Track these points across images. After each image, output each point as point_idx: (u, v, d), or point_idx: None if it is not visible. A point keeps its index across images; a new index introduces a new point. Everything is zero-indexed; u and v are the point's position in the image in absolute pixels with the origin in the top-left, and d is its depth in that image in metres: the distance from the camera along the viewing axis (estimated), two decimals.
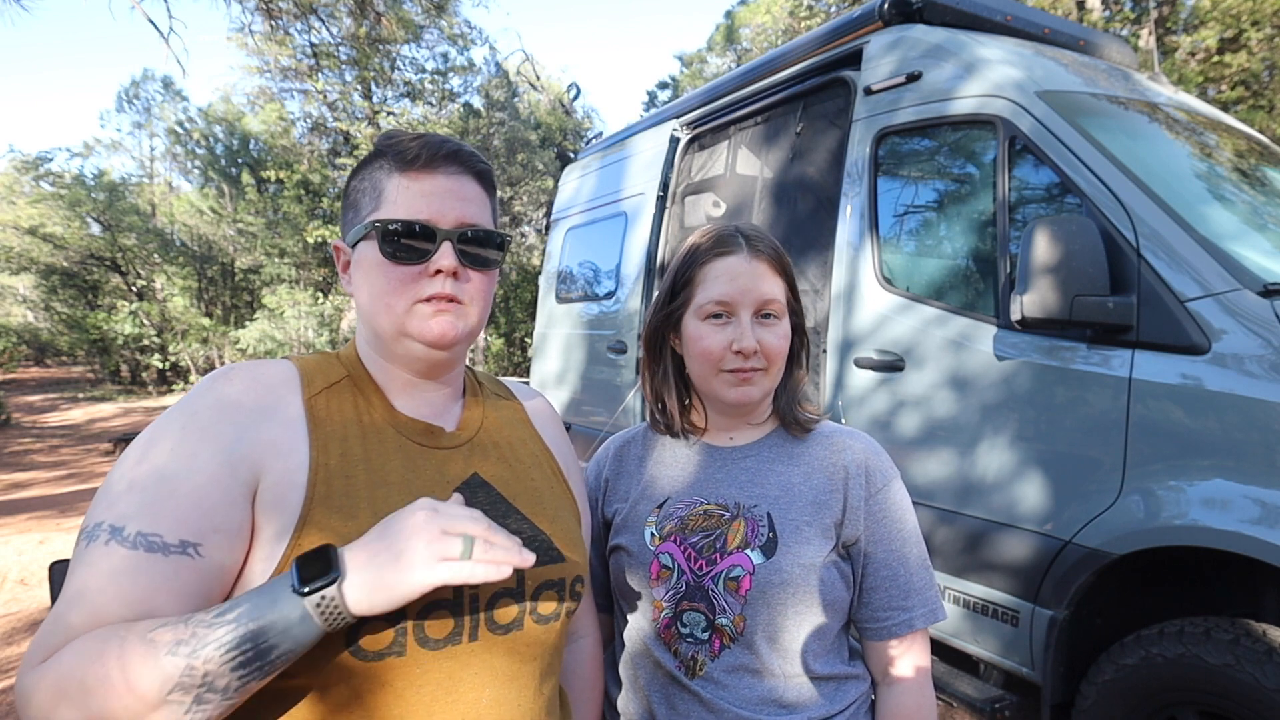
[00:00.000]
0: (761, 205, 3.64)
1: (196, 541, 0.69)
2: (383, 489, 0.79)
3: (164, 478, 0.71)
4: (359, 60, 15.53)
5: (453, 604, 0.77)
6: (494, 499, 0.87)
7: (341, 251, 0.90)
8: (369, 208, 0.85)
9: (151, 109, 22.59)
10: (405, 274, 0.83)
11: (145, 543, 0.68)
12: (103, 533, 0.68)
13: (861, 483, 1.04)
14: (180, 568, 0.68)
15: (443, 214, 0.83)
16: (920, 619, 1.03)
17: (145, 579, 0.67)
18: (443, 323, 0.83)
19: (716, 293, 1.03)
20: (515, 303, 18.81)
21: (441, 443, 0.87)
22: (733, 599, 0.99)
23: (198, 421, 0.75)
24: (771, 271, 1.05)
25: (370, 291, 0.84)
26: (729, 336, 1.03)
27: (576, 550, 0.91)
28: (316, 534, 0.73)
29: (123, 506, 0.70)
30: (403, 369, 0.88)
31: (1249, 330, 1.77)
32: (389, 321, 0.83)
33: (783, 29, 15.41)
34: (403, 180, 0.84)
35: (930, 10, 2.86)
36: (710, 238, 1.08)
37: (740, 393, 1.04)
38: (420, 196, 0.83)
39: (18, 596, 4.23)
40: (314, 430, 0.79)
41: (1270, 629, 1.69)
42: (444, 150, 0.84)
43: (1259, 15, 8.18)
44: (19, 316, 22.75)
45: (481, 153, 0.90)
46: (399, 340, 0.84)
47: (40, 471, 8.67)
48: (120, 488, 0.71)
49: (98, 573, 0.67)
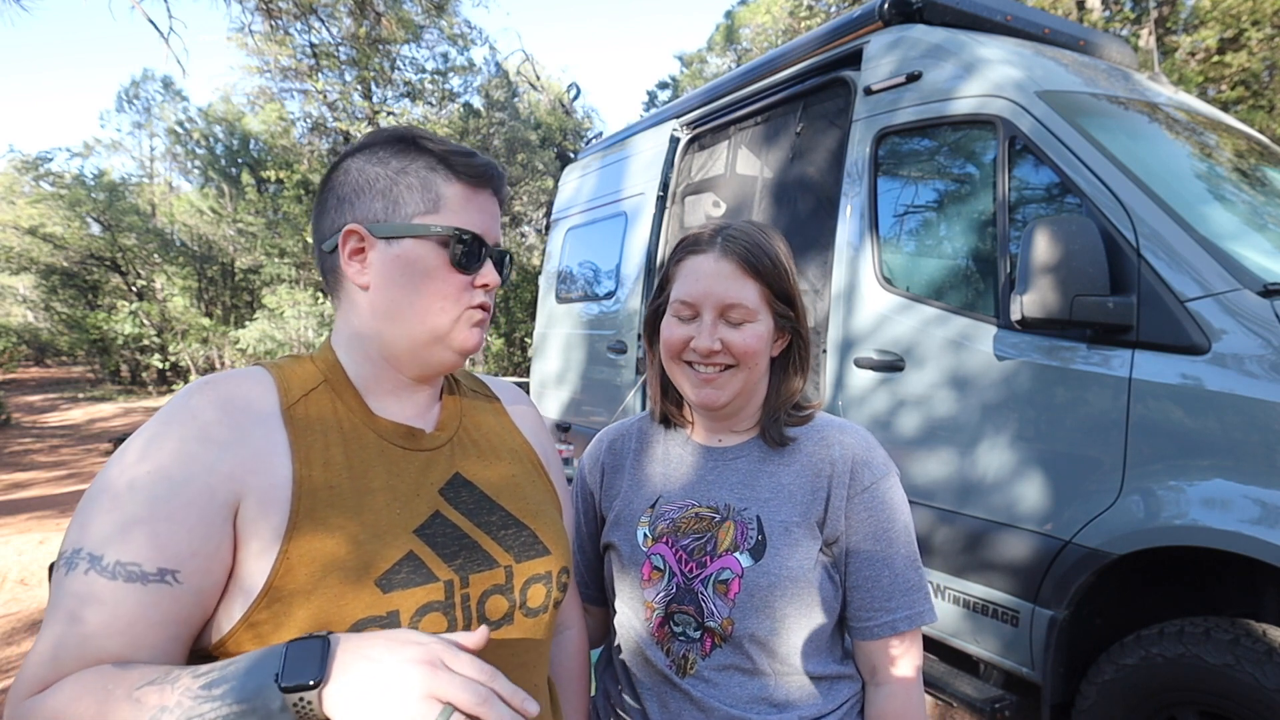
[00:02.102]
0: (761, 205, 3.64)
1: (174, 569, 0.69)
2: (368, 496, 0.79)
3: (142, 502, 0.70)
4: (359, 60, 15.52)
5: (445, 604, 0.78)
6: (477, 497, 0.87)
7: (361, 238, 0.83)
8: (419, 207, 0.83)
9: (151, 109, 22.60)
10: (462, 282, 0.85)
11: (125, 572, 0.68)
12: (82, 560, 0.68)
13: (845, 480, 1.01)
14: (160, 597, 0.69)
15: (490, 231, 0.87)
16: (904, 622, 1.01)
17: (125, 610, 0.67)
18: (480, 334, 0.87)
19: (681, 291, 1.04)
20: (515, 303, 18.80)
21: (422, 445, 0.87)
22: (721, 602, 0.98)
23: (172, 442, 0.73)
24: (741, 274, 1.01)
25: (422, 293, 0.83)
26: (689, 333, 1.03)
27: (560, 543, 0.93)
28: (304, 544, 0.73)
29: (101, 532, 0.69)
30: (405, 372, 0.87)
31: (1249, 330, 1.77)
32: (431, 326, 0.84)
33: (783, 29, 15.40)
34: (464, 190, 0.85)
35: (930, 10, 2.86)
36: (691, 235, 1.08)
37: (704, 394, 1.03)
38: (479, 211, 0.86)
39: (18, 596, 4.23)
40: (295, 441, 0.78)
41: (1270, 629, 1.69)
42: (493, 172, 0.88)
43: (1259, 15, 8.18)
44: (19, 316, 22.75)
45: (481, 153, 0.90)
46: (432, 346, 0.85)
47: (40, 471, 8.67)
48: (98, 511, 0.70)
49: (80, 602, 0.67)
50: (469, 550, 0.83)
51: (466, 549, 0.83)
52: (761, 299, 1.03)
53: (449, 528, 0.83)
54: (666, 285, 1.09)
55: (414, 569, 0.78)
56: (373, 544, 0.76)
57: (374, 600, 0.74)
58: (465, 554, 0.82)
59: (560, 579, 0.91)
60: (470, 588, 0.81)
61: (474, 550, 0.83)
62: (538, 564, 0.88)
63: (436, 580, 0.79)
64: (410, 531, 0.80)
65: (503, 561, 0.85)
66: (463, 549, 0.82)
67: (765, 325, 1.03)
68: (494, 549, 0.85)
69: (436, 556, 0.80)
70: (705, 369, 1.02)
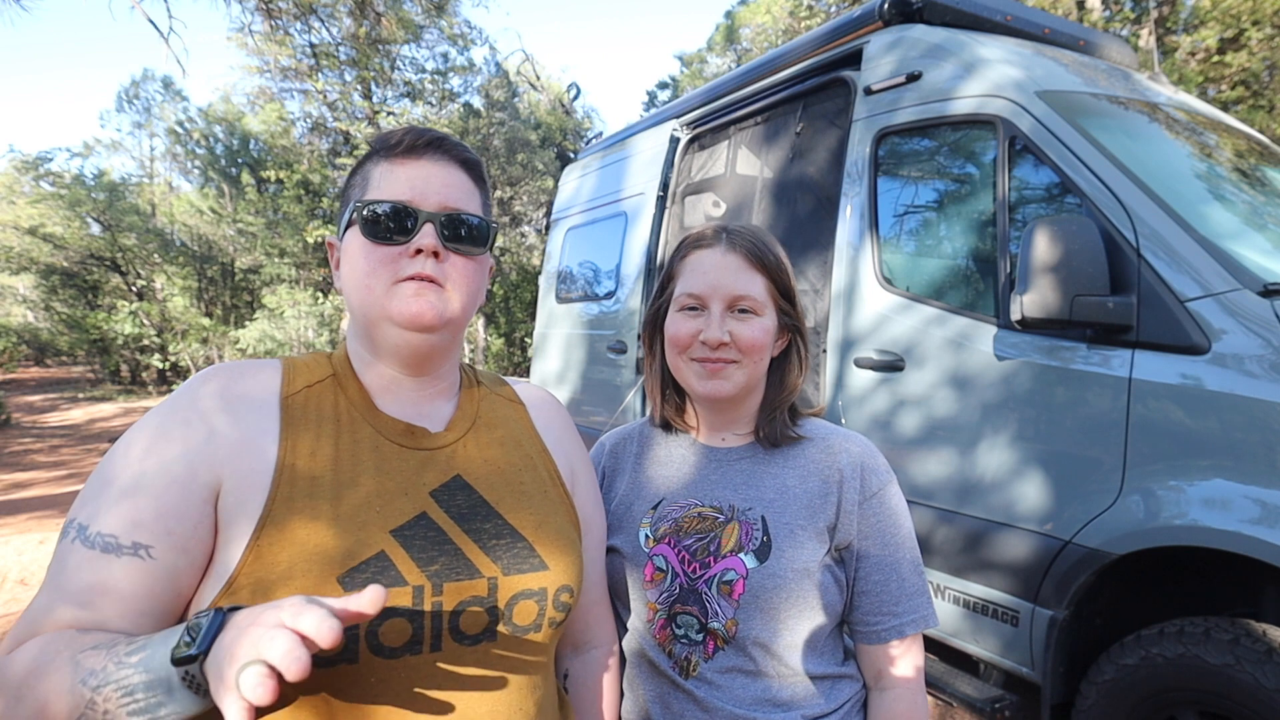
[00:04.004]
0: (761, 205, 3.64)
1: (148, 544, 0.71)
2: (349, 489, 0.78)
3: (130, 479, 0.73)
4: (359, 60, 15.52)
5: (410, 611, 0.74)
6: (474, 501, 0.84)
7: (335, 248, 0.90)
8: (356, 197, 0.86)
9: (151, 109, 22.63)
10: (386, 254, 0.81)
11: (103, 543, 0.71)
12: (73, 530, 0.72)
13: (856, 486, 1.02)
14: (130, 569, 0.71)
15: (425, 196, 0.83)
16: (910, 625, 1.02)
17: (97, 578, 0.70)
18: (421, 303, 0.80)
19: (689, 285, 1.05)
20: (515, 303, 18.81)
21: (423, 443, 0.85)
22: (726, 603, 0.98)
23: (169, 423, 0.77)
24: (748, 267, 1.04)
25: (353, 276, 0.83)
26: (697, 326, 1.03)
27: (564, 559, 0.87)
28: (276, 533, 0.73)
29: (93, 505, 0.73)
30: (389, 363, 0.86)
31: (1249, 330, 1.77)
32: (369, 303, 0.82)
33: (783, 29, 15.41)
34: (387, 165, 0.85)
35: (930, 10, 2.86)
36: (694, 233, 1.09)
37: (710, 385, 1.03)
38: (403, 180, 0.83)
39: (17, 596, 4.23)
40: (285, 429, 0.79)
41: (1270, 629, 1.69)
42: (427, 137, 0.86)
43: (1259, 15, 8.17)
44: (19, 316, 22.77)
45: (481, 153, 0.88)
46: (379, 325, 0.83)
47: (40, 471, 8.67)
48: (95, 486, 0.74)
49: (63, 569, 0.71)
50: (449, 557, 0.79)
51: (447, 555, 0.79)
52: (767, 293, 1.05)
53: (432, 531, 0.79)
54: (669, 283, 1.09)
55: (381, 570, 0.74)
56: (344, 539, 0.74)
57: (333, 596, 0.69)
58: (444, 560, 0.78)
59: (559, 597, 0.85)
60: (443, 596, 0.77)
61: (455, 557, 0.79)
62: (529, 579, 0.82)
63: (404, 584, 0.75)
64: (387, 531, 0.77)
65: (487, 573, 0.80)
66: (442, 554, 0.79)
67: (770, 320, 1.05)
68: (479, 558, 0.80)
69: (410, 559, 0.76)
70: (712, 362, 1.03)
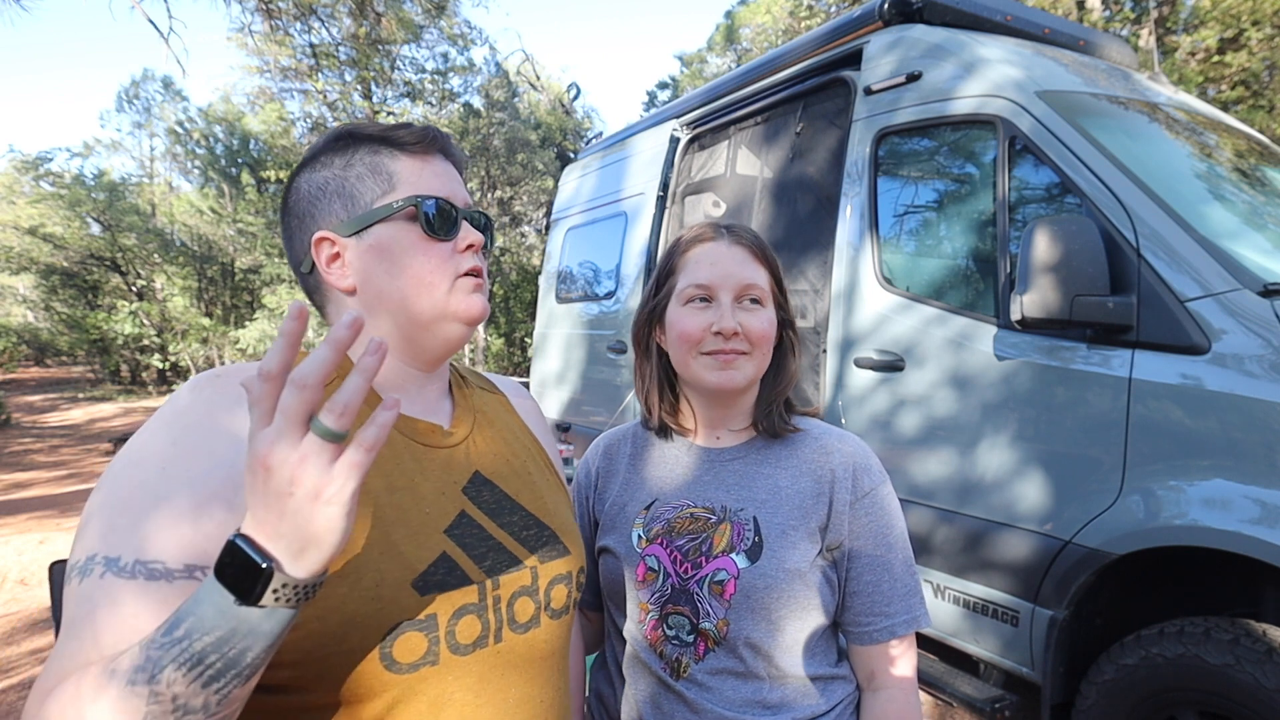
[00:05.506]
0: (761, 205, 3.64)
1: (203, 564, 0.63)
2: (398, 494, 0.76)
3: (158, 499, 0.64)
4: (359, 60, 15.52)
5: (479, 606, 0.76)
6: (498, 496, 0.85)
7: (333, 243, 0.81)
8: (375, 191, 0.81)
9: (151, 109, 22.62)
10: (444, 250, 0.81)
11: (146, 571, 0.61)
12: (97, 565, 0.61)
13: (848, 486, 1.02)
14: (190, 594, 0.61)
15: (455, 194, 0.84)
16: (903, 625, 1.02)
17: (149, 610, 0.60)
18: (479, 300, 0.83)
19: (697, 277, 1.04)
20: (515, 303, 18.80)
21: (444, 442, 0.85)
22: (717, 603, 0.98)
23: (192, 435, 0.68)
24: (753, 259, 1.04)
25: (405, 274, 0.80)
26: (709, 318, 1.02)
27: (577, 542, 0.91)
28: None
29: (116, 536, 0.63)
30: (410, 362, 0.84)
31: (1249, 330, 1.77)
32: (430, 302, 0.80)
33: (783, 29, 15.41)
34: (414, 160, 0.83)
35: (930, 10, 2.86)
36: (692, 230, 1.09)
37: (723, 376, 1.02)
38: (435, 177, 0.83)
39: (18, 596, 4.23)
40: None
41: (1270, 629, 1.69)
42: (433, 134, 0.85)
43: (1259, 15, 8.18)
44: (19, 316, 22.76)
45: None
46: (437, 324, 0.81)
47: (40, 471, 8.68)
48: (108, 513, 0.64)
49: (94, 609, 0.60)
50: (496, 551, 0.81)
51: (494, 550, 0.81)
52: (770, 286, 1.05)
53: (474, 528, 0.80)
54: (668, 279, 1.08)
55: (449, 570, 0.75)
56: (407, 545, 0.73)
57: (411, 603, 0.71)
58: (494, 555, 0.80)
59: (579, 579, 0.89)
60: (501, 589, 0.79)
61: (500, 551, 0.81)
62: (559, 564, 0.86)
63: (471, 583, 0.76)
64: (441, 531, 0.77)
65: (528, 562, 0.83)
66: (490, 550, 0.80)
67: (773, 313, 1.06)
68: (518, 550, 0.83)
69: (468, 557, 0.77)
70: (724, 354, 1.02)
